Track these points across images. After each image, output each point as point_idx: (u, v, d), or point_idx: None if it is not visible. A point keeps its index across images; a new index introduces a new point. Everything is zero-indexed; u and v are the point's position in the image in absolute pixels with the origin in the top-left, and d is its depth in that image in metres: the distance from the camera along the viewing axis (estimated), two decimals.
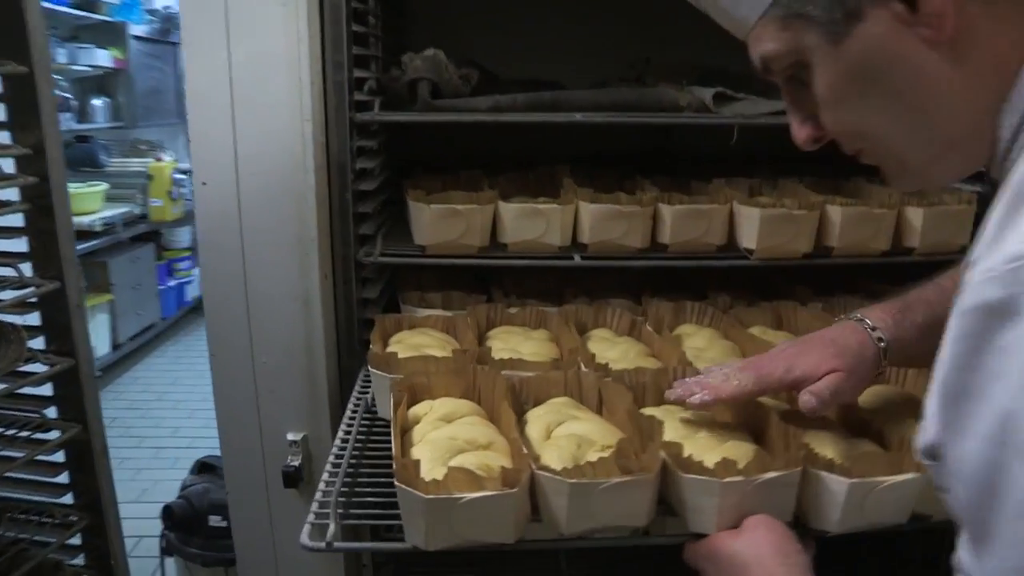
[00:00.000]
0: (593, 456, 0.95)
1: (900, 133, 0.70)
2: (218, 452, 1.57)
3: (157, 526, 2.16)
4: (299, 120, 1.35)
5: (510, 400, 1.06)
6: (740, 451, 0.95)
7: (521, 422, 1.05)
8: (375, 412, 1.25)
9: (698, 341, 1.36)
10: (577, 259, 1.45)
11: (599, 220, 1.44)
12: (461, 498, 0.85)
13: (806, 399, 0.93)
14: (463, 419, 1.05)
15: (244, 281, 1.42)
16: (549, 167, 1.72)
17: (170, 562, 2.18)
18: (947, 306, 0.95)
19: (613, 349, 1.32)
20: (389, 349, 1.30)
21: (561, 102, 1.51)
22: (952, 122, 0.68)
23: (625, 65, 1.77)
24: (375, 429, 1.22)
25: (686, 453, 0.92)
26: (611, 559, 1.73)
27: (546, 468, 0.89)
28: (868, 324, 0.98)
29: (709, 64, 1.66)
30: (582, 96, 1.53)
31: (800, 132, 0.77)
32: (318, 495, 1.03)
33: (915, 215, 1.46)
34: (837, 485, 0.92)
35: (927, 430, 0.60)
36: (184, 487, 2.20)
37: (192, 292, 5.29)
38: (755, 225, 1.43)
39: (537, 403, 1.12)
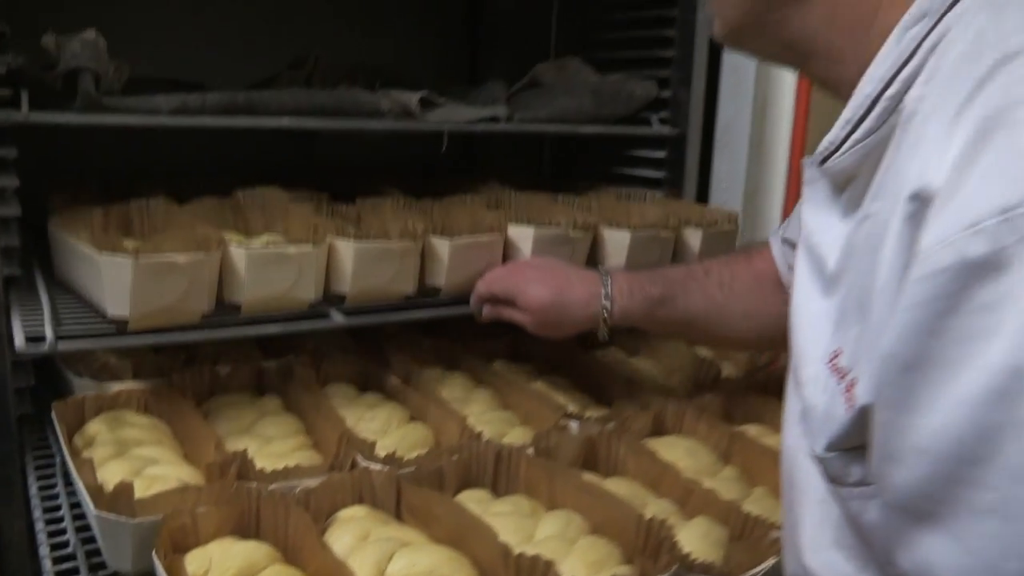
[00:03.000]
0: None
1: None
2: None
3: None
4: None
5: (317, 533, 0.83)
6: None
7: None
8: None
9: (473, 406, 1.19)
10: (337, 317, 1.09)
11: (367, 262, 1.10)
12: None
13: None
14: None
15: None
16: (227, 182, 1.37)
17: None
18: (688, 288, 1.04)
19: (371, 417, 1.13)
20: (88, 454, 0.96)
21: (257, 105, 1.21)
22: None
23: (286, 65, 1.47)
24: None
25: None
26: None
27: None
28: (607, 290, 1.04)
29: (372, 63, 1.53)
30: (280, 98, 1.25)
31: None
32: None
33: (693, 236, 1.36)
34: None
35: (833, 419, 0.58)
36: None
37: None
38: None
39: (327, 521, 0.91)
